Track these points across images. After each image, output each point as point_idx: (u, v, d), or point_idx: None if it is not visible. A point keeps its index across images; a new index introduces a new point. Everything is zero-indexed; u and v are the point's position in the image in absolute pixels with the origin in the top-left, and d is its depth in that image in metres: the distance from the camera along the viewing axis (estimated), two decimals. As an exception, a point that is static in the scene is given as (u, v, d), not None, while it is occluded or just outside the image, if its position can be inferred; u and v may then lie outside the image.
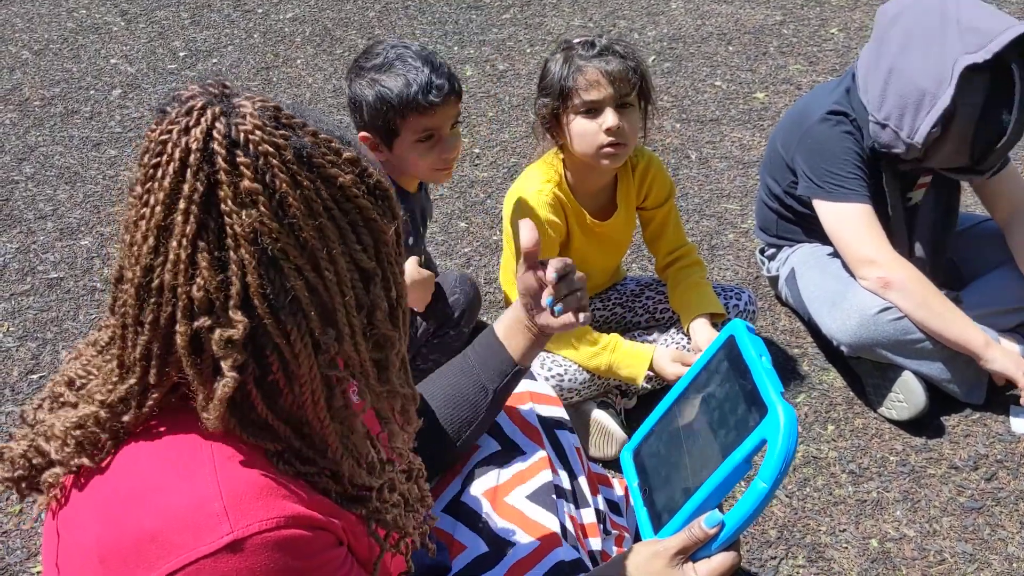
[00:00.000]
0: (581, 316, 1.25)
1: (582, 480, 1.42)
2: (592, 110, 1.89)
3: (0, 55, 4.35)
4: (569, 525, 1.32)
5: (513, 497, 1.32)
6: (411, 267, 1.91)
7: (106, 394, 0.84)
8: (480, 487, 1.34)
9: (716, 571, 1.01)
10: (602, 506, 1.45)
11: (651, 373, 2.00)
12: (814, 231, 2.34)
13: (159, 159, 0.76)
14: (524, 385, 1.49)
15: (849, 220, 2.15)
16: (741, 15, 4.39)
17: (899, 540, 1.91)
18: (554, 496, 1.32)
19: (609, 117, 1.87)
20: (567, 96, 1.89)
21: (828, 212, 2.19)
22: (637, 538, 1.47)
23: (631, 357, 1.99)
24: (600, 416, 2.08)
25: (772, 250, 2.52)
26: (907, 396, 2.14)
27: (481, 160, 3.37)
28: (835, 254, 2.30)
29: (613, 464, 2.08)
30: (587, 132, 1.90)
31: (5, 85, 4.06)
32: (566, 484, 1.38)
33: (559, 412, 1.48)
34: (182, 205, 0.75)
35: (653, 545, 1.04)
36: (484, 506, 1.32)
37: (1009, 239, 2.30)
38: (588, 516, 1.38)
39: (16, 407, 2.34)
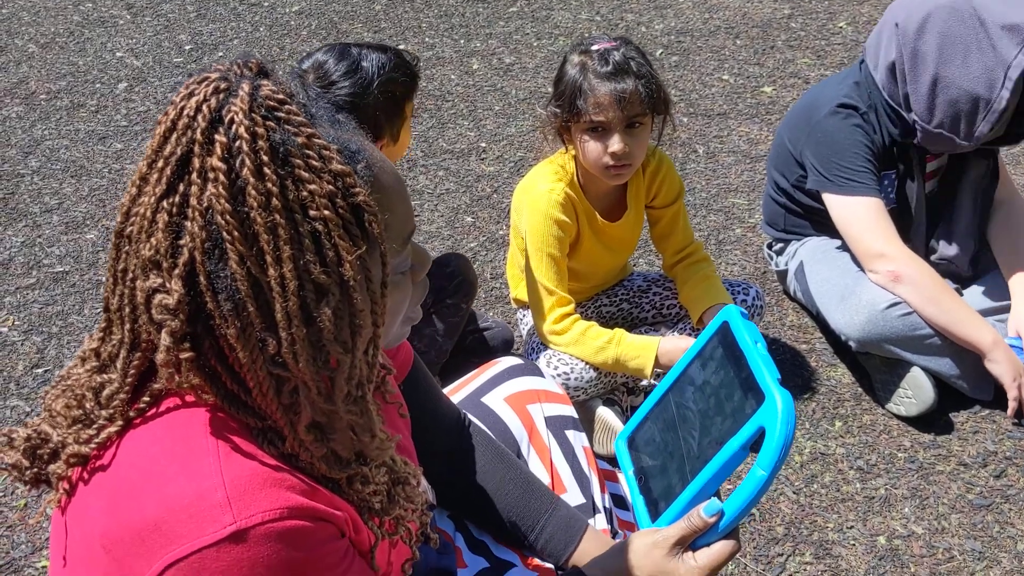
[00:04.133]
0: None
1: (594, 483, 1.41)
2: (600, 130, 1.88)
3: (6, 48, 4.35)
4: None
5: None
6: None
7: (96, 344, 0.85)
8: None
9: (716, 559, 1.00)
10: (608, 503, 1.44)
11: (659, 370, 1.99)
12: (823, 225, 2.32)
13: (162, 116, 0.79)
14: (533, 383, 1.48)
15: (859, 213, 2.13)
16: (749, 8, 4.37)
17: (907, 537, 1.90)
18: None
19: (615, 142, 1.86)
20: (577, 112, 1.88)
21: (838, 206, 2.17)
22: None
23: (638, 349, 1.98)
24: (604, 413, 2.08)
25: (780, 244, 2.50)
26: (916, 392, 2.12)
27: (487, 154, 3.36)
28: (844, 247, 2.29)
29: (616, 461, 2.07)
30: (593, 151, 1.90)
31: (11, 78, 4.06)
32: (579, 499, 1.37)
33: (568, 411, 1.47)
34: (159, 164, 0.77)
35: (652, 535, 1.03)
36: (485, 535, 1.33)
37: (988, 230, 2.31)
38: (600, 522, 1.38)
39: (21, 401, 2.34)
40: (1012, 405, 2.03)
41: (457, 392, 1.50)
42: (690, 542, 1.01)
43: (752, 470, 0.95)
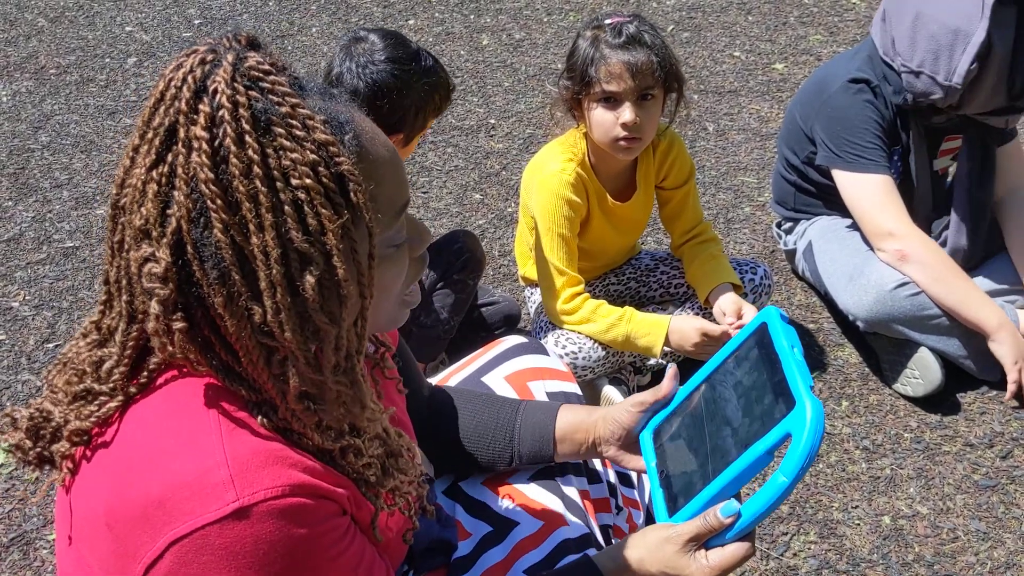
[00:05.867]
0: None
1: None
2: (612, 100, 1.87)
3: (16, 22, 4.34)
4: (579, 500, 1.32)
5: (515, 478, 1.33)
6: None
7: (97, 317, 0.86)
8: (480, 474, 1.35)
9: (728, 561, 1.00)
10: (613, 479, 1.45)
11: (667, 348, 1.99)
12: (833, 203, 2.31)
13: (153, 89, 0.80)
14: (536, 361, 1.48)
15: (868, 191, 2.12)
16: (761, -16, 4.32)
17: (912, 517, 1.91)
18: (556, 477, 1.32)
19: (626, 112, 1.86)
20: (589, 83, 1.87)
21: (847, 182, 2.16)
22: (649, 515, 1.47)
23: (648, 326, 1.98)
24: (610, 392, 2.08)
25: (789, 223, 2.50)
26: (923, 372, 2.12)
27: (496, 131, 3.35)
28: (853, 227, 2.28)
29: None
30: (604, 122, 1.89)
31: (21, 53, 4.06)
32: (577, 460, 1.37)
33: (571, 387, 1.47)
34: (149, 135, 0.78)
35: (666, 530, 1.04)
36: (485, 493, 1.33)
37: (1000, 216, 2.29)
38: (600, 491, 1.38)
39: (32, 375, 2.36)
40: (1011, 388, 2.03)
41: (460, 372, 1.50)
42: (704, 541, 1.01)
43: (774, 476, 0.94)
